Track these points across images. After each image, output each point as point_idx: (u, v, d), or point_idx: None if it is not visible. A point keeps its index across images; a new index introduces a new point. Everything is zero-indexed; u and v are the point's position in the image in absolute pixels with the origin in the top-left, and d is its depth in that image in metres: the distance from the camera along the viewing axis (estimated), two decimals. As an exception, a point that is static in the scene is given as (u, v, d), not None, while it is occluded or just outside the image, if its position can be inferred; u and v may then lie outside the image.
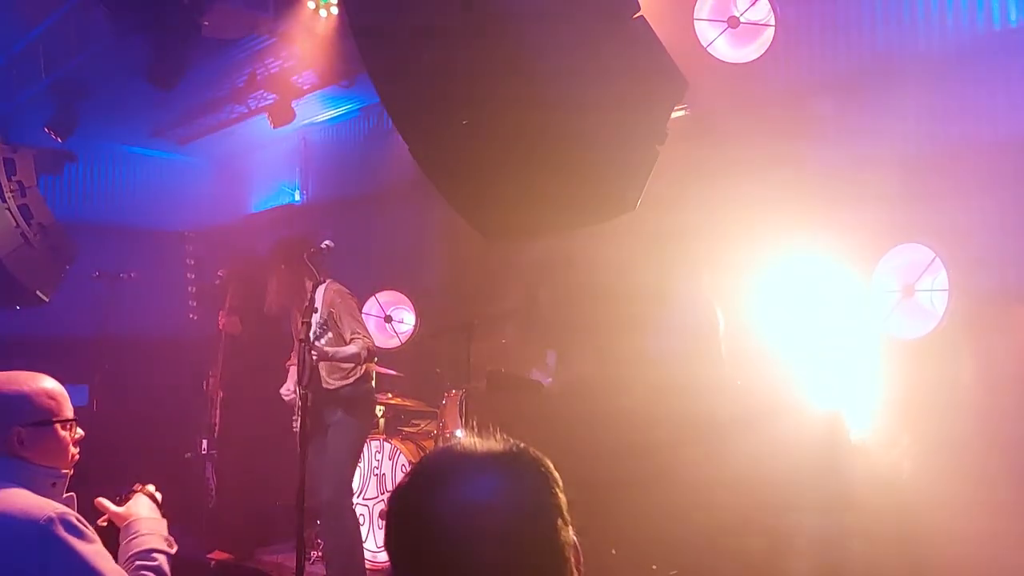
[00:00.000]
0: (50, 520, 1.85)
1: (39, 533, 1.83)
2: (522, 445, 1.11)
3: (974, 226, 4.54)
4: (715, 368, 4.21)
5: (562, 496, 1.09)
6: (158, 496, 2.35)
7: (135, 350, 6.31)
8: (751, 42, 4.51)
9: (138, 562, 2.08)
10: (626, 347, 5.07)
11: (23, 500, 1.91)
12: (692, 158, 5.16)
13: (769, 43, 4.50)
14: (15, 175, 6.47)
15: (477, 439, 1.11)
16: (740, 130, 5.16)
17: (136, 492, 2.30)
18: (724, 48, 4.47)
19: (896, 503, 4.17)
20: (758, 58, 4.57)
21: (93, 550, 1.90)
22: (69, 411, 2.14)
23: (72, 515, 1.91)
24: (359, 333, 4.73)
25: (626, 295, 4.65)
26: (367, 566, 5.00)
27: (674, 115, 2.96)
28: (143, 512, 2.23)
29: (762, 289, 4.96)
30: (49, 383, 2.14)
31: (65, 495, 2.07)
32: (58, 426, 2.08)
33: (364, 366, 4.89)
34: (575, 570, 1.07)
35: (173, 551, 2.18)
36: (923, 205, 4.65)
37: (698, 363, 4.22)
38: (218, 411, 6.16)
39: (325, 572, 5.04)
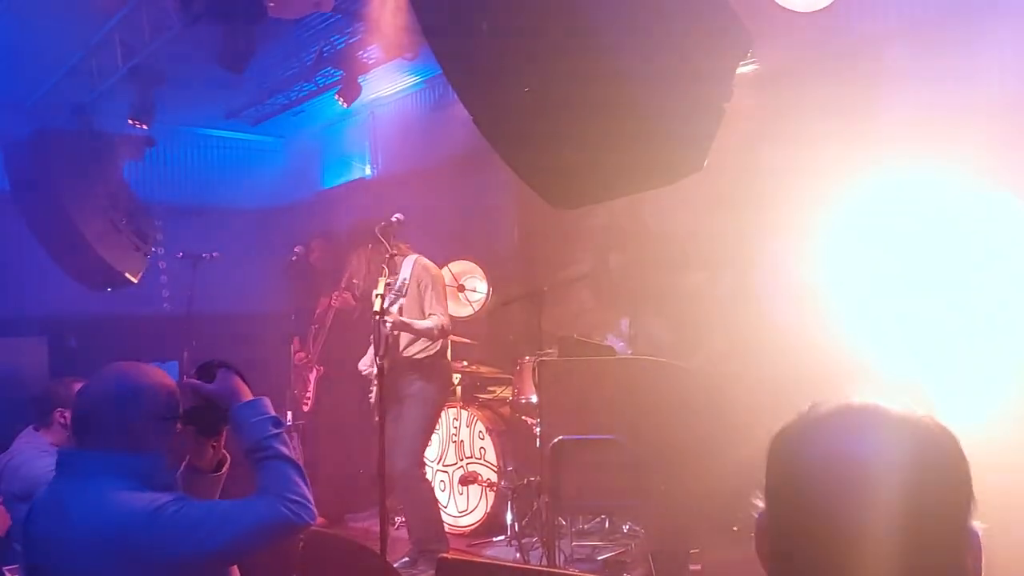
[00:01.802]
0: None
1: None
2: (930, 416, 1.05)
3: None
4: (787, 329, 4.12)
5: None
6: None
7: (220, 327, 6.53)
8: (821, -10, 4.34)
9: (256, 455, 2.01)
10: (698, 310, 5.03)
11: None
12: (763, 115, 5.03)
13: (841, -10, 4.32)
14: (100, 163, 6.76)
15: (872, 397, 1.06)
16: (813, 83, 5.00)
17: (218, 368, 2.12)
18: (793, -1, 4.31)
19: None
20: (830, 5, 4.39)
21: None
22: None
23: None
24: (437, 311, 4.85)
25: (699, 259, 4.59)
26: (447, 530, 5.12)
27: (741, 70, 2.89)
28: (239, 394, 2.09)
29: (838, 250, 4.82)
30: None
31: None
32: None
33: (440, 341, 5.01)
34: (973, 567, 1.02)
35: (283, 427, 2.08)
36: (1007, 157, 4.43)
37: (771, 325, 4.15)
38: (313, 385, 6.36)
39: (408, 537, 5.20)
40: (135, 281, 6.78)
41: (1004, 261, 4.31)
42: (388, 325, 4.59)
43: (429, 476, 5.26)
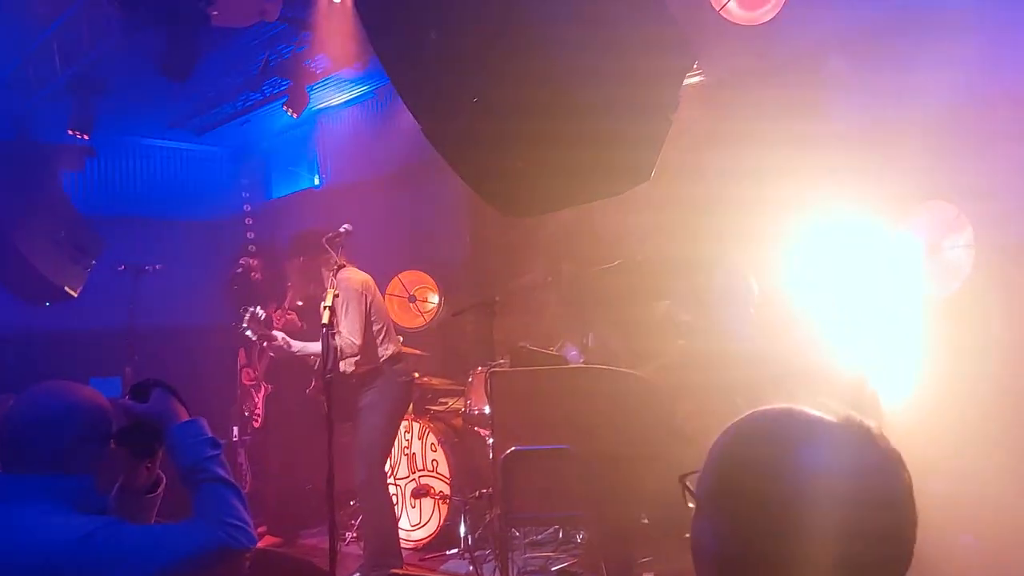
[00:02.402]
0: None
1: None
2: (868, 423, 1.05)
3: (998, 182, 4.46)
4: (743, 336, 4.18)
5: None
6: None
7: (163, 341, 6.39)
8: (765, 2, 4.43)
9: (192, 478, 1.94)
10: (651, 319, 5.07)
11: None
12: (709, 125, 5.11)
13: (782, 3, 4.42)
14: (37, 174, 6.58)
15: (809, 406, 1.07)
16: (756, 94, 5.10)
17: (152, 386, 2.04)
18: (736, 10, 4.39)
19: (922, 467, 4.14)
20: (773, 18, 4.49)
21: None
22: None
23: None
24: (343, 329, 4.73)
25: (650, 266, 4.63)
26: (401, 544, 5.07)
27: (687, 81, 2.92)
28: (174, 415, 2.02)
29: (787, 254, 4.91)
30: None
31: None
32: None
33: (390, 349, 4.97)
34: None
35: (220, 449, 2.01)
36: (946, 162, 4.57)
37: (726, 332, 4.20)
38: (261, 402, 6.25)
39: (362, 551, 5.12)
40: (75, 295, 6.60)
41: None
42: (271, 349, 4.73)
43: (382, 489, 5.19)
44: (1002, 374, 4.29)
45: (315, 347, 4.85)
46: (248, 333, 4.90)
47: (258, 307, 4.92)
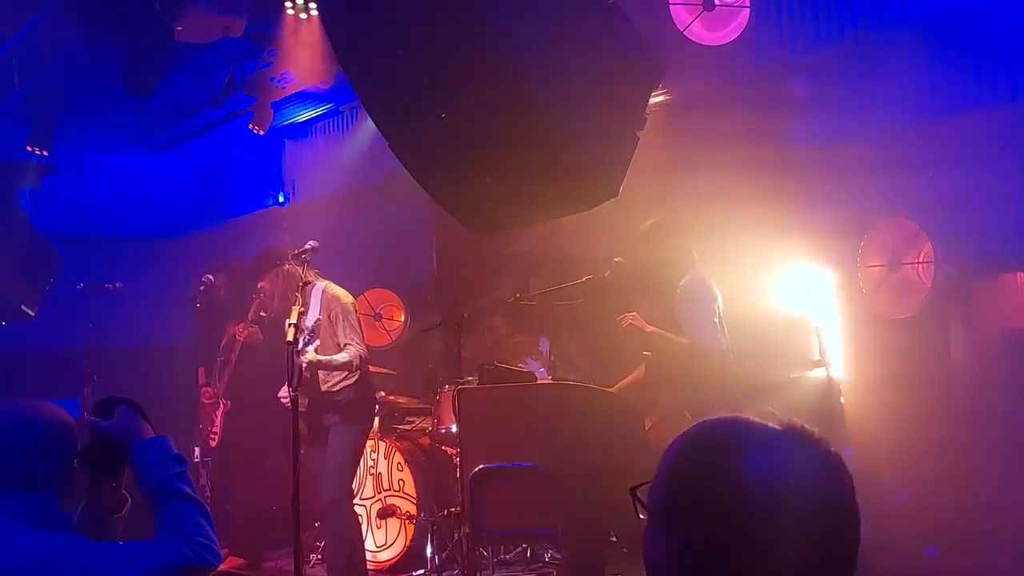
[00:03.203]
0: None
1: None
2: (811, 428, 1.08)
3: (957, 198, 4.56)
4: (710, 354, 4.20)
5: None
6: None
7: (123, 361, 6.27)
8: (727, 24, 4.51)
9: (156, 495, 1.91)
10: (618, 335, 5.08)
11: None
12: (675, 143, 5.16)
13: (745, 24, 4.50)
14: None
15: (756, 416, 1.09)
16: (721, 112, 5.16)
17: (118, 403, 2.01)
18: (701, 31, 4.46)
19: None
20: (735, 39, 4.56)
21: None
22: None
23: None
24: (353, 341, 4.72)
25: (616, 283, 4.64)
26: (367, 566, 5.00)
27: (653, 100, 2.95)
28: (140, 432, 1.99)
29: (754, 273, 4.97)
30: None
31: None
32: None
33: (360, 371, 4.92)
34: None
35: (188, 465, 1.99)
36: (905, 179, 4.66)
37: (693, 351, 4.21)
38: (219, 420, 6.14)
39: (326, 573, 5.04)
40: (32, 314, 6.46)
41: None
42: (304, 365, 4.49)
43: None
44: (963, 387, 4.37)
45: (337, 359, 4.71)
46: (284, 397, 4.53)
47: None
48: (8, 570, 1.71)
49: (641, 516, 1.10)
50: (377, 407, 5.43)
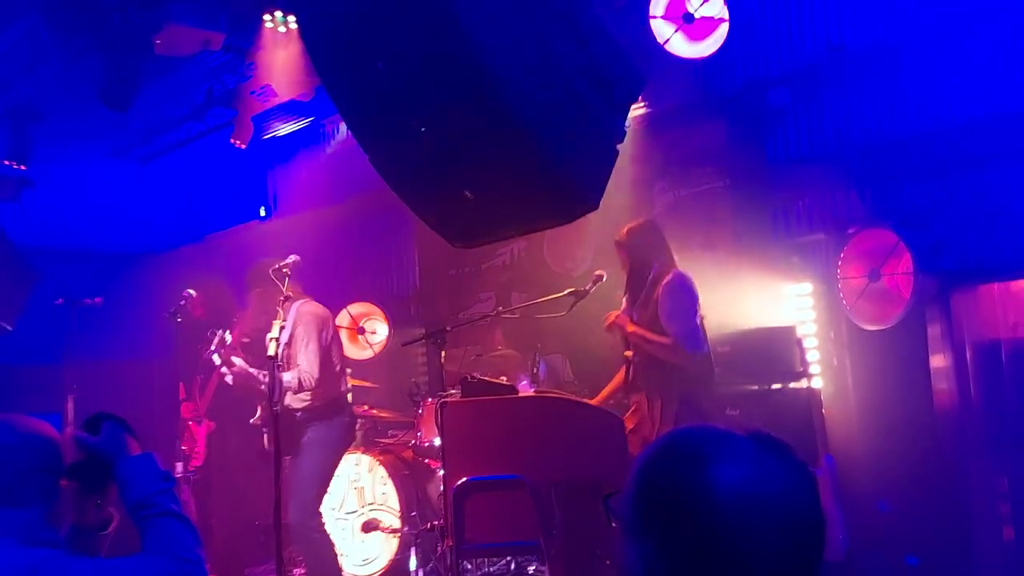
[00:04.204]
0: None
1: None
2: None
3: (935, 209, 4.61)
4: (692, 355, 4.19)
5: None
6: None
7: (103, 375, 6.20)
8: (707, 37, 4.54)
9: (142, 512, 1.91)
10: (601, 347, 5.09)
11: None
12: (654, 154, 5.19)
13: (724, 38, 4.54)
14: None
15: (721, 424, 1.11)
16: (701, 124, 5.20)
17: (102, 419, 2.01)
18: (680, 44, 4.49)
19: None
20: (714, 53, 4.60)
21: None
22: None
23: None
24: (302, 362, 4.68)
25: (598, 295, 4.65)
26: (350, 580, 4.97)
27: (633, 112, 2.97)
28: (126, 449, 1.99)
29: (730, 282, 4.98)
30: None
31: None
32: None
33: (341, 385, 4.91)
34: None
35: (174, 482, 2.00)
36: (884, 191, 4.71)
37: (675, 351, 4.20)
38: (202, 438, 6.09)
39: (308, 590, 5.01)
40: (9, 328, 6.38)
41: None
42: (230, 376, 4.61)
43: (329, 525, 5.08)
44: (941, 397, 4.40)
45: (283, 377, 4.73)
46: (215, 357, 4.77)
47: (226, 331, 4.80)
48: None
49: (613, 525, 1.11)
50: (356, 425, 5.39)
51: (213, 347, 4.76)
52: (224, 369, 4.74)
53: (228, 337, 4.81)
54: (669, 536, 1.04)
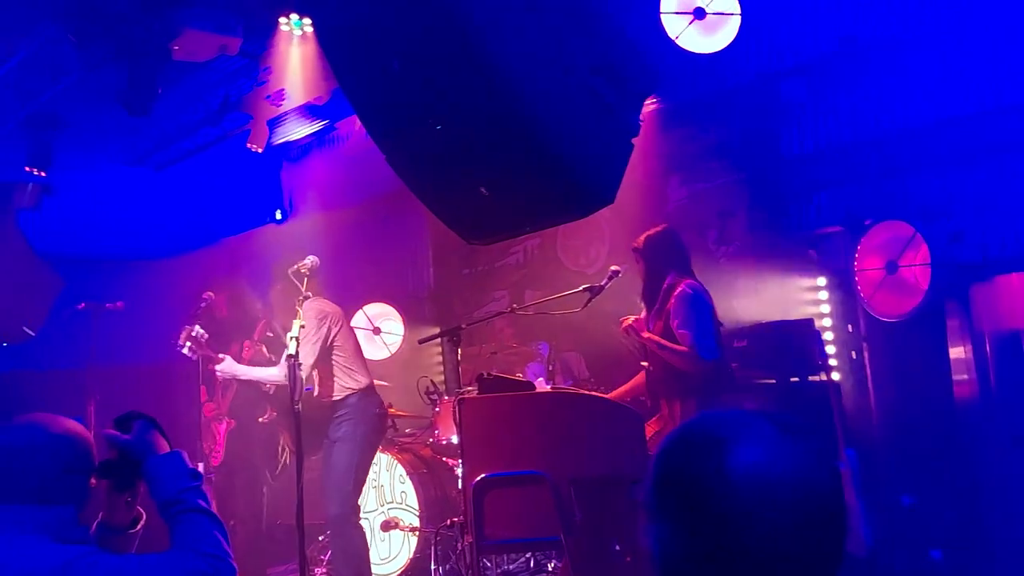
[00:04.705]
0: None
1: None
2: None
3: (952, 200, 4.58)
4: (707, 364, 4.19)
5: None
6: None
7: (126, 379, 6.27)
8: (718, 31, 4.54)
9: (172, 509, 1.95)
10: (616, 343, 5.09)
11: None
12: (668, 148, 5.19)
13: (736, 31, 4.53)
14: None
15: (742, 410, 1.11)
16: (715, 119, 5.20)
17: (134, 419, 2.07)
18: (692, 39, 4.49)
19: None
20: (727, 47, 4.60)
21: None
22: None
23: None
24: (301, 353, 4.67)
25: (613, 292, 4.66)
26: (372, 579, 5.00)
27: (646, 108, 2.98)
28: (156, 447, 2.04)
29: (747, 275, 4.98)
30: None
31: None
32: None
33: (364, 380, 4.96)
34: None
35: (200, 481, 2.03)
36: (900, 182, 4.69)
37: (690, 360, 4.21)
38: (222, 437, 6.15)
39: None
40: (33, 334, 6.47)
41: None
42: (219, 372, 4.81)
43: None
44: (961, 389, 4.38)
45: (260, 372, 4.96)
46: (185, 351, 4.87)
47: (197, 326, 4.91)
48: None
49: (638, 511, 1.12)
50: (387, 416, 5.43)
51: (181, 341, 4.85)
52: (192, 357, 4.85)
53: (202, 332, 4.90)
54: (684, 518, 1.04)
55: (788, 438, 1.07)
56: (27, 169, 6.25)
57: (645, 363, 4.47)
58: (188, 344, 4.86)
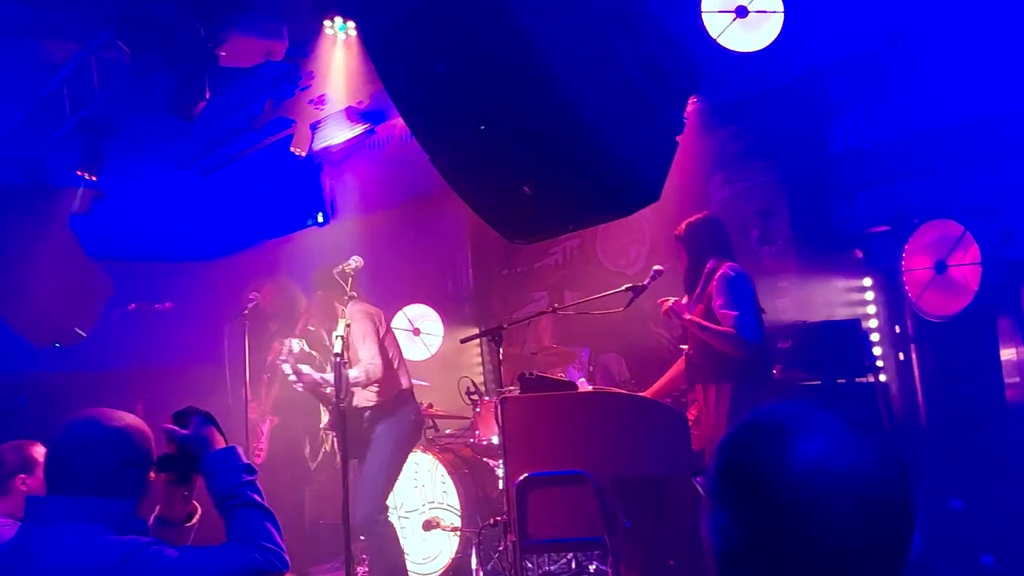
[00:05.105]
0: None
1: None
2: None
3: (1002, 198, 4.49)
4: (750, 344, 4.14)
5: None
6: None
7: (173, 380, 6.39)
8: (761, 29, 4.51)
9: (228, 503, 2.00)
10: (656, 343, 5.08)
11: None
12: (711, 147, 5.15)
13: (779, 29, 4.49)
14: (47, 216, 6.65)
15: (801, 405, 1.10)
16: (759, 117, 5.15)
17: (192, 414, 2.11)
18: (734, 37, 4.47)
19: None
20: (770, 44, 4.56)
21: None
22: None
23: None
24: (363, 357, 4.78)
25: (654, 293, 4.64)
26: (413, 577, 5.04)
27: (688, 107, 2.97)
28: (213, 442, 2.08)
29: (793, 275, 4.92)
30: None
31: None
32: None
33: (403, 381, 5.00)
34: None
35: (255, 475, 2.07)
36: (948, 180, 4.61)
37: (733, 341, 4.16)
38: (266, 435, 6.23)
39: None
40: (84, 335, 6.63)
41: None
42: (300, 384, 4.71)
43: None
44: (1012, 390, 4.28)
45: (349, 374, 4.84)
46: (285, 367, 4.87)
47: (294, 339, 4.93)
48: (87, 571, 1.78)
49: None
50: (423, 419, 5.47)
51: (283, 356, 4.85)
52: (293, 377, 4.83)
53: (296, 346, 4.92)
54: (744, 507, 1.02)
55: (854, 431, 1.05)
56: (79, 173, 6.41)
57: (684, 346, 4.44)
58: (286, 358, 4.84)
